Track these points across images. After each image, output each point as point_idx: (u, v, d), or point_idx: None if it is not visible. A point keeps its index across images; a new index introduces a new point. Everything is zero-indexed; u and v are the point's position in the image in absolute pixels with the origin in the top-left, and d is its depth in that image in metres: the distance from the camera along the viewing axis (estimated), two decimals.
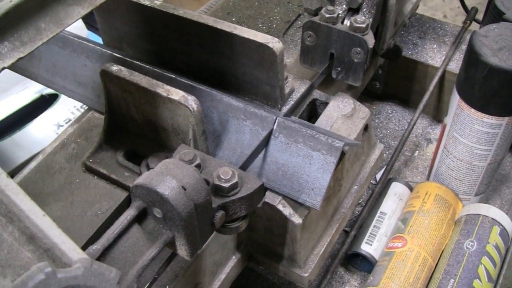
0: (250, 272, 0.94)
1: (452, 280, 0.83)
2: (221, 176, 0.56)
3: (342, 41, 0.79)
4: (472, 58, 0.81)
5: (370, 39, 0.78)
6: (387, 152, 1.10)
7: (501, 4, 0.93)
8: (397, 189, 0.99)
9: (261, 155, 0.73)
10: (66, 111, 1.21)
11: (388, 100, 1.21)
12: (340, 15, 0.82)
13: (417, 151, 1.12)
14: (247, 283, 0.94)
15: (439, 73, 1.06)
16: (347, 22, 0.83)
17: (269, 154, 0.72)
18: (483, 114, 0.83)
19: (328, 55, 0.82)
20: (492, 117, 0.83)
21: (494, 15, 0.93)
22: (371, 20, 0.83)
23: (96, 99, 0.83)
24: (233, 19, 1.05)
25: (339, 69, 0.82)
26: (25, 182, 0.75)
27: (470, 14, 1.16)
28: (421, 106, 1.03)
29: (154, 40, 0.81)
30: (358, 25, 0.78)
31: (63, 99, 1.23)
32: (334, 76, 0.84)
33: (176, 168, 0.53)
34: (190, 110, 0.65)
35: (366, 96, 1.20)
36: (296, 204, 0.71)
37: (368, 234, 0.94)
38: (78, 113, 1.21)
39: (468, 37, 1.12)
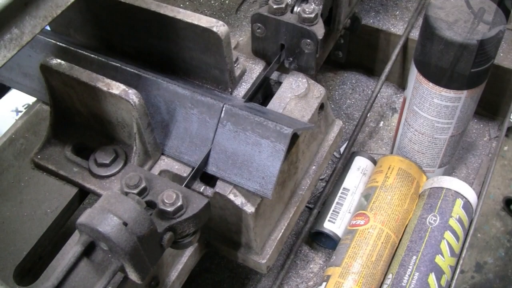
0: (214, 255, 0.93)
1: (414, 257, 0.83)
2: (165, 200, 0.56)
3: (290, 33, 0.76)
4: (428, 31, 0.79)
5: (319, 30, 0.75)
6: (352, 124, 1.09)
7: None
8: (360, 163, 0.98)
9: (210, 144, 0.71)
10: (24, 96, 1.18)
11: (352, 69, 1.18)
12: (289, 4, 0.78)
13: (382, 122, 1.11)
14: (211, 266, 0.94)
15: (401, 42, 1.04)
16: (297, 10, 0.80)
17: (218, 143, 0.70)
18: (442, 88, 0.82)
19: (279, 46, 0.79)
20: (450, 90, 0.81)
21: None
22: (321, 7, 0.80)
23: (44, 91, 0.80)
24: None
25: (291, 59, 0.80)
26: None
27: None
28: (383, 76, 1.01)
29: (100, 25, 0.78)
30: (306, 15, 0.74)
31: None
32: (286, 65, 0.81)
33: (117, 203, 0.53)
34: (132, 104, 0.64)
35: (330, 65, 1.17)
36: (248, 192, 0.70)
37: (331, 211, 0.92)
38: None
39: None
